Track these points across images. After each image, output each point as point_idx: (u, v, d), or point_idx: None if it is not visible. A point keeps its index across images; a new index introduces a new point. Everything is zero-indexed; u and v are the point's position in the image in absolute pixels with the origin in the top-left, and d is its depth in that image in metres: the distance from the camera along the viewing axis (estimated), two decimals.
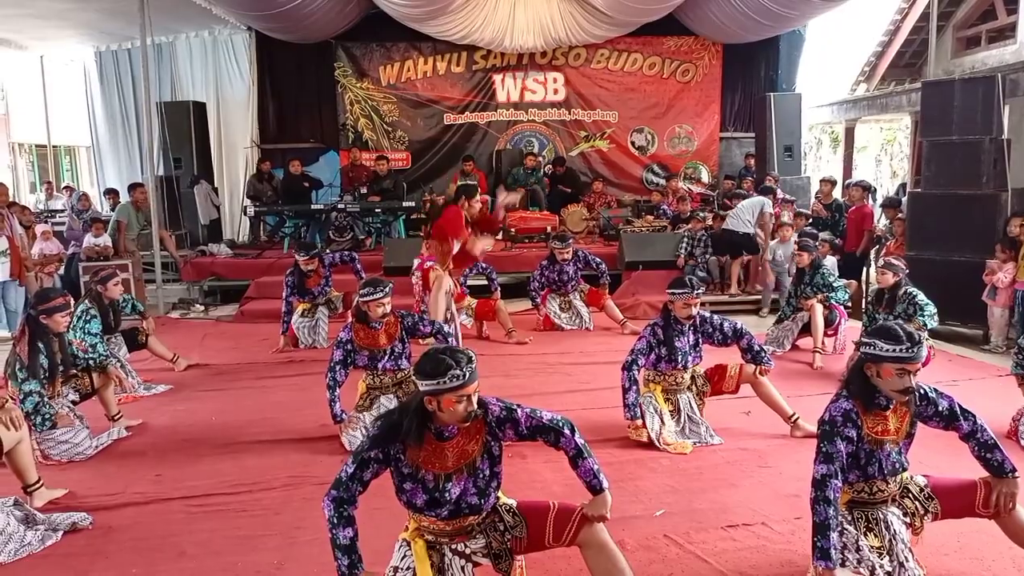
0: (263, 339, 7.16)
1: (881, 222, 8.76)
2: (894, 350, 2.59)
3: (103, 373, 4.73)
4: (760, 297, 8.38)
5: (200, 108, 11.37)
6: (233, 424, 4.89)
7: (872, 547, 2.70)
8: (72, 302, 4.58)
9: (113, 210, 10.11)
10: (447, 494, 2.48)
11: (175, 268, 9.62)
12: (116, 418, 4.77)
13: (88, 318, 5.36)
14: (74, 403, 4.56)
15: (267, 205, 10.34)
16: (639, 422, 4.34)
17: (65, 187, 13.69)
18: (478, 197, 5.72)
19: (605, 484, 2.56)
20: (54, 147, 14.64)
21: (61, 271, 8.36)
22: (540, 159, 11.98)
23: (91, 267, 8.00)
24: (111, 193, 11.40)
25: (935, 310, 5.33)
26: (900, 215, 8.34)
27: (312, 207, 10.07)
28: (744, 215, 8.26)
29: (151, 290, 8.92)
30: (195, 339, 7.38)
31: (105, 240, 8.67)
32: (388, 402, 4.39)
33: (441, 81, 12.07)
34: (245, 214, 11.03)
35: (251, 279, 8.99)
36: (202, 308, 8.99)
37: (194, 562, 3.18)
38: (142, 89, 9.99)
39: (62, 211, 11.25)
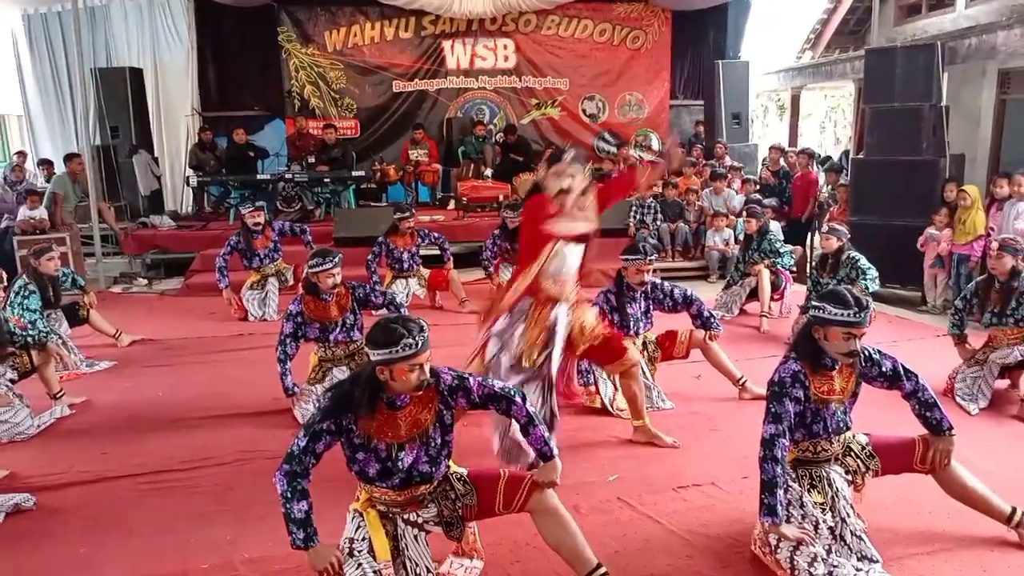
0: (211, 313, 7.01)
1: (824, 189, 8.95)
2: (842, 314, 2.66)
3: (43, 350, 4.57)
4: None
5: (137, 74, 10.94)
6: (181, 400, 4.79)
7: (816, 503, 2.80)
8: (5, 277, 4.40)
9: (48, 181, 9.73)
10: (399, 463, 2.48)
11: (115, 241, 9.32)
12: (58, 396, 4.63)
13: (26, 294, 5.16)
14: (12, 382, 4.42)
15: (211, 175, 10.05)
16: (592, 388, 4.39)
17: (17, 153, 13.05)
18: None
19: (555, 451, 2.59)
20: None
21: None
22: (491, 127, 11.89)
23: (27, 241, 7.71)
24: (45, 164, 10.95)
25: (877, 274, 5.48)
26: (843, 182, 8.53)
27: (258, 177, 9.83)
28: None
29: (91, 264, 8.65)
30: (139, 314, 7.19)
31: (41, 213, 8.34)
32: (340, 374, 4.35)
33: (389, 47, 11.82)
34: (188, 184, 10.72)
35: (196, 251, 8.76)
36: (145, 282, 8.74)
37: (144, 540, 3.13)
38: (75, 55, 9.56)
39: None
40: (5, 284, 5.07)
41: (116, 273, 8.94)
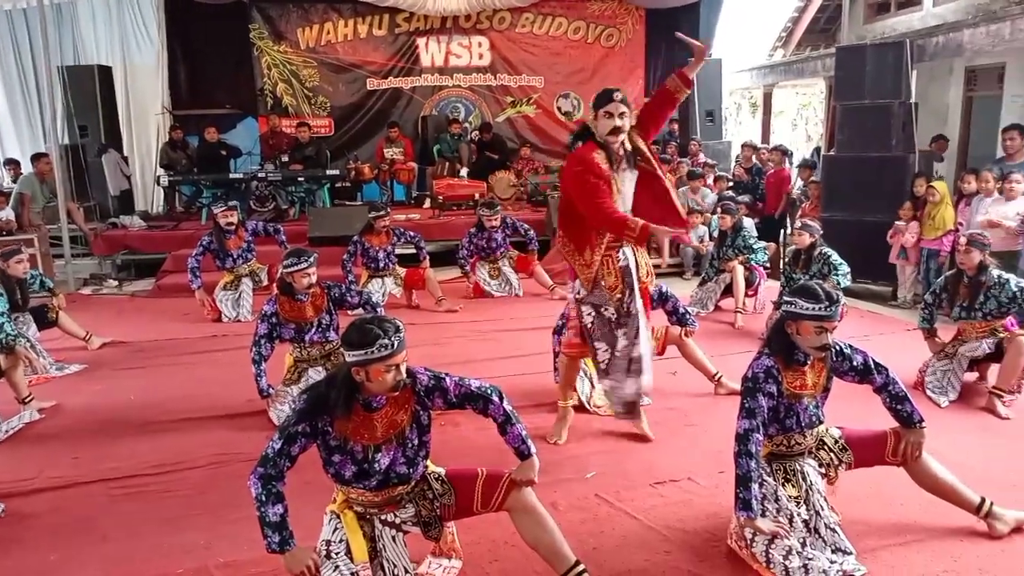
0: (184, 314, 6.93)
1: (797, 185, 9.06)
2: (814, 308, 2.69)
3: (10, 354, 4.49)
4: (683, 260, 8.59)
5: (106, 72, 10.77)
6: (154, 403, 4.73)
7: (790, 497, 2.83)
8: None
9: (15, 182, 9.54)
10: (376, 465, 2.47)
11: (85, 242, 9.17)
12: (27, 400, 4.55)
13: None
14: None
15: (182, 174, 9.92)
16: None
17: None
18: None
19: (533, 449, 2.59)
20: None
21: None
22: (466, 125, 11.86)
23: None
24: (12, 164, 10.73)
25: (848, 269, 5.55)
26: (814, 178, 8.64)
27: (231, 176, 9.72)
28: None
29: (60, 265, 8.49)
30: (110, 316, 7.08)
31: (8, 214, 8.18)
32: (316, 375, 4.32)
33: (363, 45, 11.75)
34: (158, 184, 10.58)
35: (168, 252, 8.65)
36: (116, 283, 8.61)
37: (117, 546, 3.08)
38: (41, 53, 9.38)
39: None
40: None
41: (86, 275, 8.79)
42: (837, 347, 2.84)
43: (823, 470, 2.93)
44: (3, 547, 3.08)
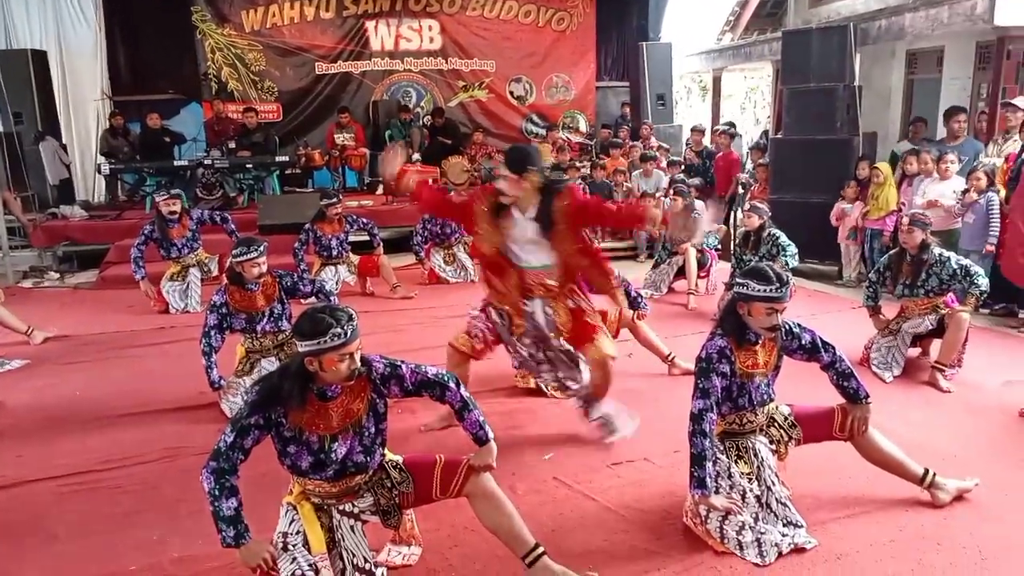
0: (128, 306, 6.74)
1: (747, 168, 9.20)
2: (765, 290, 2.74)
3: None
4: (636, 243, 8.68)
5: (40, 57, 10.34)
6: (101, 397, 4.60)
7: (743, 473, 2.89)
8: None
9: None
10: (333, 455, 2.45)
11: (23, 233, 8.84)
12: None
13: None
14: None
15: (124, 162, 9.61)
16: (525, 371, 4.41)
17: None
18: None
19: (490, 435, 2.59)
20: None
21: None
22: (418, 110, 11.74)
23: None
24: None
25: (796, 250, 5.67)
26: (763, 161, 8.78)
27: (175, 163, 9.45)
28: None
29: None
30: (52, 309, 6.86)
31: None
32: (269, 365, 4.25)
33: (310, 28, 11.51)
34: (99, 173, 10.22)
35: (111, 242, 8.39)
36: (57, 275, 8.33)
37: (68, 545, 3.00)
38: None
39: None
40: None
41: (25, 267, 8.48)
42: (787, 326, 2.90)
43: (773, 446, 3.00)
44: None
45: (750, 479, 2.88)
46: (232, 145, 9.73)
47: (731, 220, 9.03)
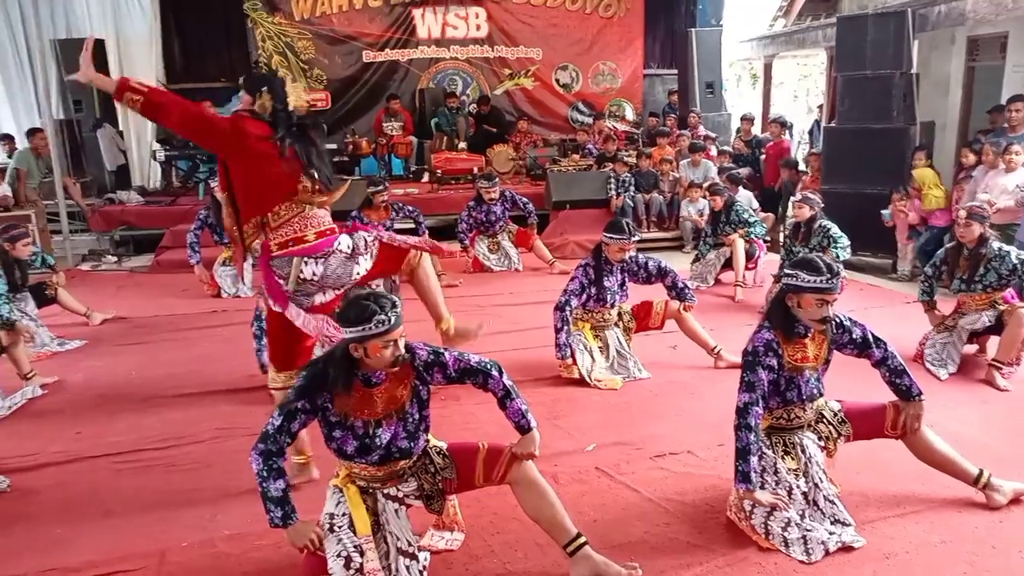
0: (183, 290, 6.92)
1: (799, 155, 9.00)
2: (815, 281, 2.69)
3: (11, 331, 4.49)
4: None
5: (98, 45, 10.57)
6: (155, 378, 4.74)
7: (789, 469, 2.85)
8: None
9: (11, 157, 9.47)
10: (377, 440, 2.48)
11: (82, 218, 9.13)
12: (29, 376, 4.56)
13: None
14: None
15: (178, 149, 9.84)
16: (569, 361, 4.42)
17: None
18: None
19: (533, 423, 2.60)
20: None
21: None
22: (464, 98, 11.75)
23: None
24: (6, 139, 10.64)
25: (848, 242, 5.54)
26: (815, 150, 8.59)
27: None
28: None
29: (58, 241, 8.46)
30: (109, 291, 7.08)
31: (4, 190, 8.12)
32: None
33: (358, 16, 11.59)
34: (155, 159, 10.49)
35: (165, 227, 8.60)
36: (114, 259, 8.58)
37: (122, 519, 3.11)
38: (33, 26, 9.27)
39: None
40: None
41: (84, 251, 8.77)
42: (837, 319, 2.84)
43: (822, 443, 2.95)
44: (9, 522, 3.10)
45: (797, 475, 2.84)
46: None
47: (781, 210, 8.86)
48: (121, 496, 3.29)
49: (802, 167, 8.69)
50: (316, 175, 3.02)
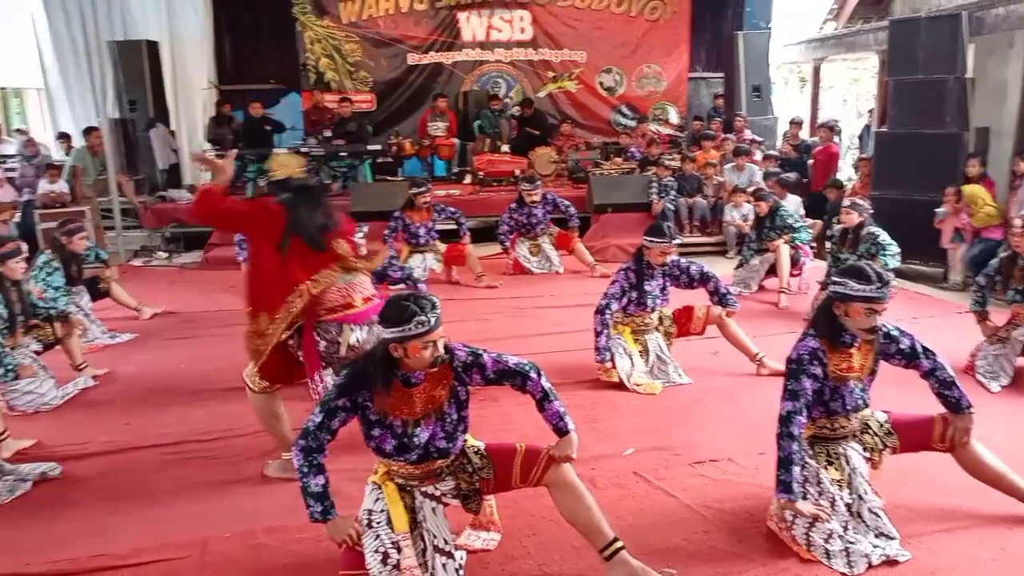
0: (230, 286, 7.03)
1: (849, 159, 8.83)
2: (864, 289, 2.63)
3: (65, 322, 4.64)
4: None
5: (153, 47, 10.92)
6: (201, 372, 4.84)
7: (833, 480, 2.79)
8: (25, 248, 4.46)
9: (67, 155, 9.79)
10: (416, 439, 2.50)
11: (135, 214, 9.38)
12: (81, 368, 4.70)
13: (50, 270, 5.23)
14: (37, 353, 4.49)
15: (228, 149, 10.05)
16: (608, 364, 4.40)
17: (16, 130, 13.16)
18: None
19: (571, 426, 2.59)
20: (2, 89, 14.02)
21: (17, 219, 8.09)
22: (507, 101, 11.79)
23: (49, 215, 7.77)
24: (64, 138, 11.00)
25: (898, 250, 5.42)
26: (864, 155, 8.42)
27: (275, 151, 9.82)
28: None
29: (111, 237, 8.71)
30: (160, 287, 7.26)
31: (61, 186, 8.41)
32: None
33: (404, 19, 11.70)
34: None
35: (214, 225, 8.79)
36: (165, 255, 8.81)
37: (167, 509, 3.18)
38: (92, 27, 9.56)
39: (14, 156, 10.84)
40: (28, 256, 5.14)
41: (136, 246, 9.01)
42: (885, 329, 2.78)
43: (867, 454, 2.88)
44: (60, 508, 3.21)
45: (840, 486, 2.78)
46: (328, 134, 10.03)
47: (828, 216, 8.69)
48: (166, 486, 3.38)
49: (851, 173, 8.51)
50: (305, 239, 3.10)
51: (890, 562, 2.64)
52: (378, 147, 10.08)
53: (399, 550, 2.42)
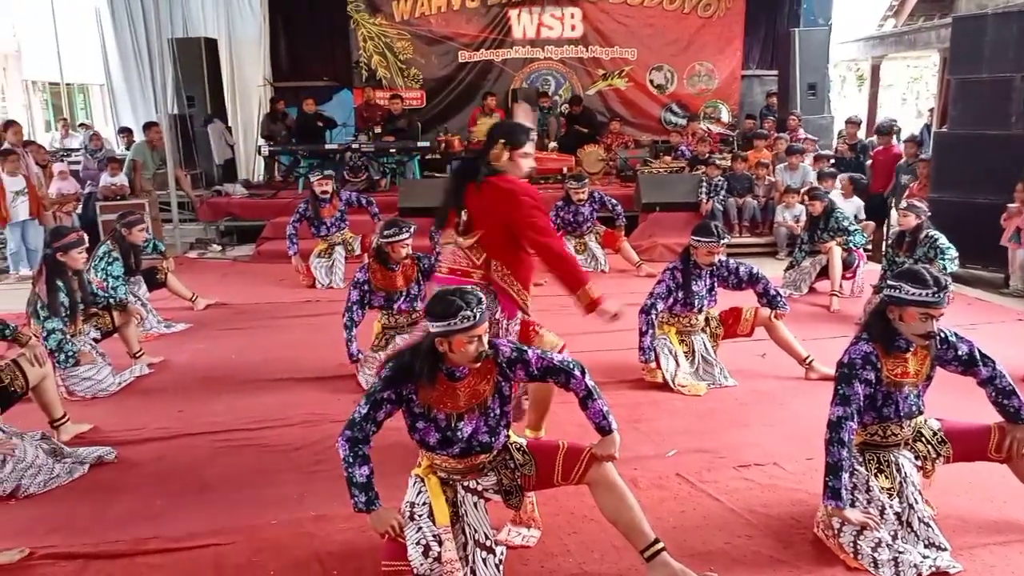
0: (280, 279, 7.21)
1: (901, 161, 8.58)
2: (920, 294, 2.56)
3: (123, 311, 4.79)
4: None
5: (211, 45, 11.21)
6: (252, 362, 4.96)
7: (883, 488, 2.72)
8: (86, 238, 4.61)
9: (128, 149, 10.10)
10: (459, 433, 2.52)
11: (191, 208, 9.64)
12: (138, 355, 4.85)
13: (110, 260, 5.40)
14: (96, 341, 4.64)
15: (281, 145, 10.26)
16: (653, 364, 4.37)
17: (81, 125, 13.64)
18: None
19: (614, 425, 2.58)
20: (67, 85, 14.54)
21: (79, 210, 8.39)
22: (556, 98, 11.76)
23: (110, 207, 8.04)
24: (125, 132, 11.36)
25: (956, 254, 5.26)
26: (923, 156, 8.17)
27: (326, 147, 9.99)
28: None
29: (168, 229, 8.96)
30: (214, 278, 7.45)
31: (121, 179, 8.68)
32: (403, 341, 4.42)
33: (455, 17, 11.77)
34: (259, 154, 10.98)
35: (267, 219, 8.99)
36: (219, 248, 9.04)
37: (217, 495, 3.27)
38: (154, 26, 9.85)
39: (78, 150, 11.24)
40: (89, 247, 5.32)
41: (192, 239, 9.27)
42: (942, 334, 2.70)
43: (919, 462, 2.81)
44: (115, 492, 3.31)
45: (890, 495, 2.71)
46: (378, 130, 10.15)
47: (888, 218, 8.47)
48: (217, 473, 3.46)
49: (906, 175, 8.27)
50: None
51: (940, 574, 2.56)
52: (427, 144, 10.16)
53: (440, 543, 2.45)
